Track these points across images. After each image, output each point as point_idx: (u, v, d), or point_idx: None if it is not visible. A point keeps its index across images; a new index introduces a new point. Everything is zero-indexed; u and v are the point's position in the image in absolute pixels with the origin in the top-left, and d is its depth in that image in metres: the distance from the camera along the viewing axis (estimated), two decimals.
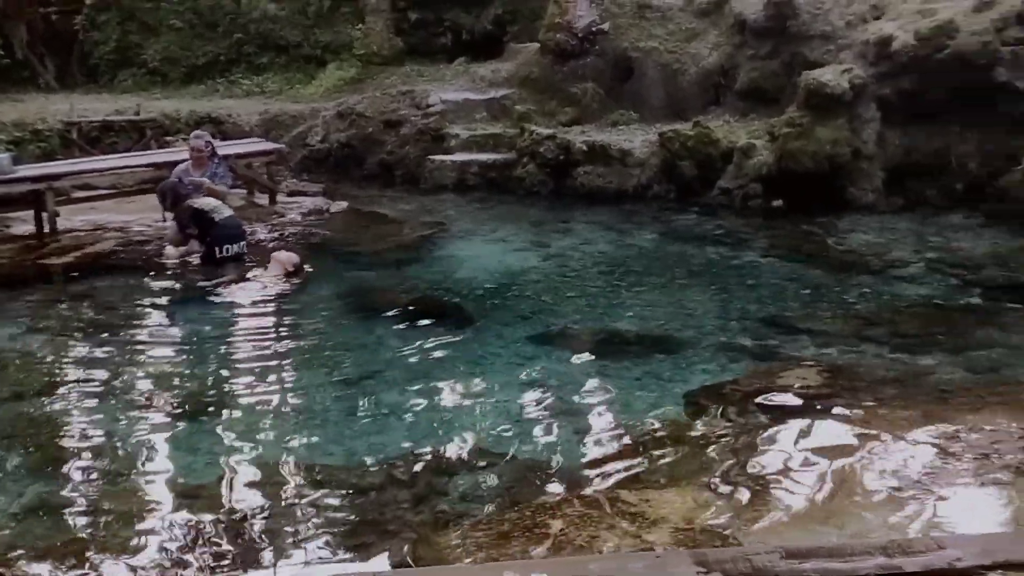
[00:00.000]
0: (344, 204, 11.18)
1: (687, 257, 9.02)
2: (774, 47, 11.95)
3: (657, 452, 4.76)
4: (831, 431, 4.97)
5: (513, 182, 11.86)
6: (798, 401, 5.35)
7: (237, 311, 7.51)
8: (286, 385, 6.06)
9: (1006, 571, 2.91)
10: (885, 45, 10.90)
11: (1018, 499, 4.21)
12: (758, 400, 5.36)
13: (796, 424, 5.03)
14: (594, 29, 13.10)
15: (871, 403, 5.32)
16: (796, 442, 4.83)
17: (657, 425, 5.13)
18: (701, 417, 5.19)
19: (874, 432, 4.91)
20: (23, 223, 10.05)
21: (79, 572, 3.89)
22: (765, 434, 4.92)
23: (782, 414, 5.17)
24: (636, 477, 4.47)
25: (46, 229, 9.67)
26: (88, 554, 4.01)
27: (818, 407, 5.26)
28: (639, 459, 4.69)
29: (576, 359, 6.37)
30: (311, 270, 8.27)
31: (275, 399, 5.80)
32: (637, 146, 11.57)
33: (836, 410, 5.22)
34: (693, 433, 4.96)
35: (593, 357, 6.37)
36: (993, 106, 10.46)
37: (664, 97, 12.85)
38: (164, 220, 9.25)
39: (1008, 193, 9.95)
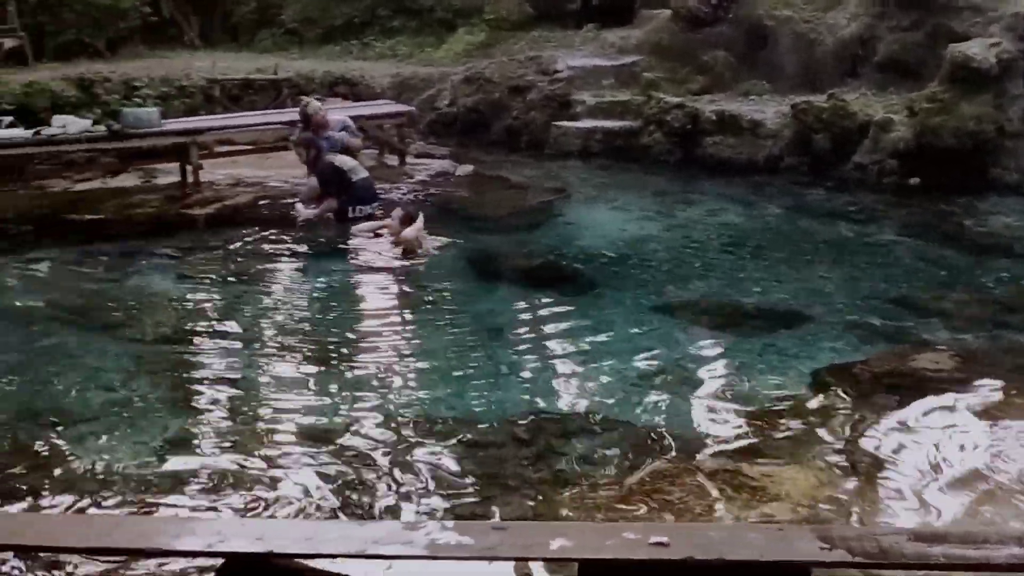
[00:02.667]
0: (470, 168, 11.31)
1: (817, 232, 8.79)
2: (918, 18, 11.42)
3: (779, 427, 4.70)
4: (962, 418, 4.82)
5: (638, 150, 11.74)
6: (929, 385, 5.18)
7: (366, 267, 7.72)
8: (409, 340, 6.23)
9: None
10: None
11: None
12: (887, 382, 5.23)
13: (926, 408, 4.89)
14: None
15: (1005, 391, 5.13)
16: (925, 427, 4.70)
17: (780, 400, 5.05)
18: (827, 395, 5.09)
19: (1008, 421, 4.74)
20: (168, 175, 10.56)
21: (210, 503, 4.13)
22: (893, 417, 4.80)
23: (912, 397, 5.02)
24: (757, 451, 4.43)
25: (190, 181, 10.14)
26: (220, 490, 4.25)
27: (950, 392, 5.10)
28: (760, 433, 4.65)
29: (697, 329, 6.31)
30: (436, 240, 8.32)
31: (399, 353, 5.97)
32: (769, 117, 11.30)
33: (969, 396, 5.05)
34: (818, 411, 4.88)
35: (715, 328, 6.29)
36: None
37: (799, 67, 12.46)
38: (306, 166, 9.42)
39: None
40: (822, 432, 4.64)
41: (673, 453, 4.50)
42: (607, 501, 3.91)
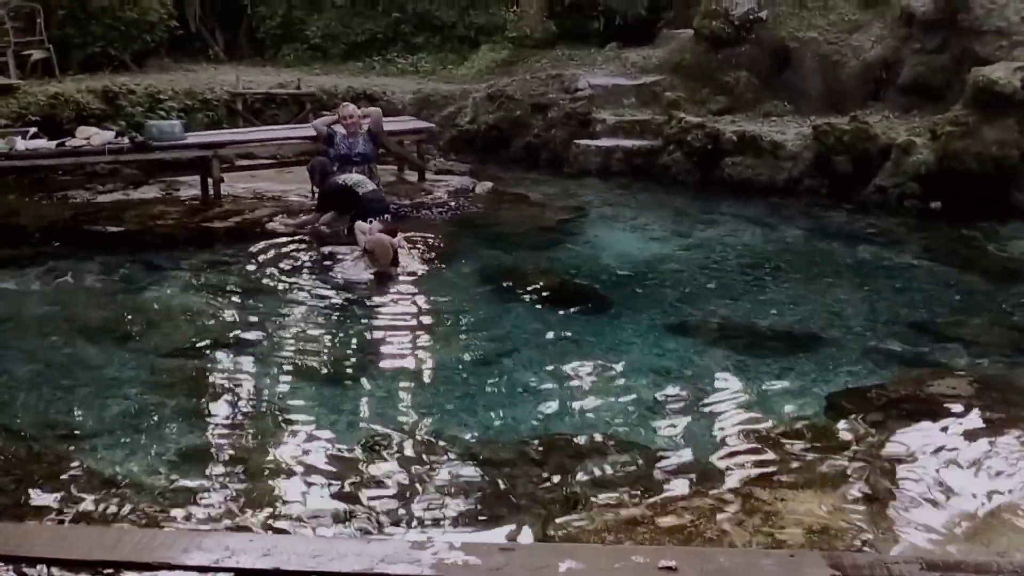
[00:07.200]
0: (489, 185, 11.32)
1: (836, 255, 8.74)
2: (942, 41, 11.39)
3: (793, 452, 4.66)
4: (980, 445, 4.75)
5: (658, 170, 11.73)
6: (947, 411, 5.13)
7: (381, 282, 7.73)
8: (424, 357, 6.23)
9: None
10: None
11: None
12: (904, 407, 5.18)
13: (943, 435, 4.84)
14: (751, 17, 12.79)
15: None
16: (942, 454, 4.65)
17: (795, 424, 5.01)
18: (843, 420, 5.04)
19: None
20: (190, 187, 10.64)
21: (224, 521, 4.13)
22: (910, 443, 4.75)
23: (929, 423, 4.97)
24: (770, 476, 4.40)
25: (211, 194, 10.21)
26: (231, 504, 4.25)
27: (968, 419, 5.04)
28: (774, 457, 4.61)
29: (713, 351, 6.28)
30: (445, 254, 8.32)
31: (413, 369, 5.97)
32: (790, 138, 11.26)
33: (987, 424, 4.99)
34: (834, 435, 4.83)
35: (731, 351, 6.26)
36: None
37: (822, 89, 12.44)
38: (313, 196, 9.61)
39: None
40: (838, 457, 4.59)
41: (685, 476, 4.47)
42: (617, 524, 3.89)
